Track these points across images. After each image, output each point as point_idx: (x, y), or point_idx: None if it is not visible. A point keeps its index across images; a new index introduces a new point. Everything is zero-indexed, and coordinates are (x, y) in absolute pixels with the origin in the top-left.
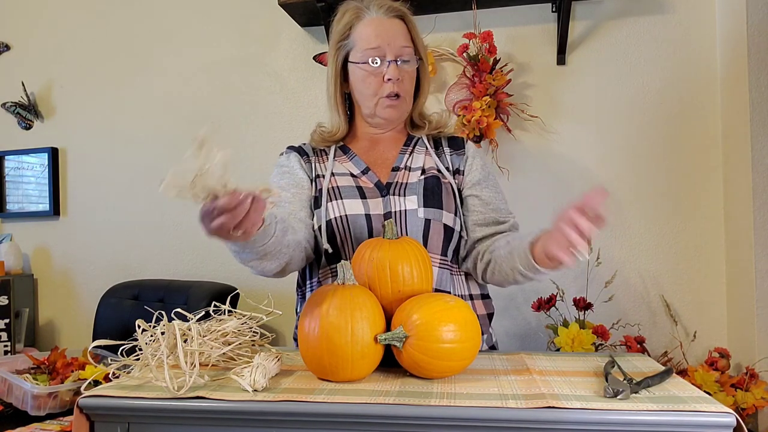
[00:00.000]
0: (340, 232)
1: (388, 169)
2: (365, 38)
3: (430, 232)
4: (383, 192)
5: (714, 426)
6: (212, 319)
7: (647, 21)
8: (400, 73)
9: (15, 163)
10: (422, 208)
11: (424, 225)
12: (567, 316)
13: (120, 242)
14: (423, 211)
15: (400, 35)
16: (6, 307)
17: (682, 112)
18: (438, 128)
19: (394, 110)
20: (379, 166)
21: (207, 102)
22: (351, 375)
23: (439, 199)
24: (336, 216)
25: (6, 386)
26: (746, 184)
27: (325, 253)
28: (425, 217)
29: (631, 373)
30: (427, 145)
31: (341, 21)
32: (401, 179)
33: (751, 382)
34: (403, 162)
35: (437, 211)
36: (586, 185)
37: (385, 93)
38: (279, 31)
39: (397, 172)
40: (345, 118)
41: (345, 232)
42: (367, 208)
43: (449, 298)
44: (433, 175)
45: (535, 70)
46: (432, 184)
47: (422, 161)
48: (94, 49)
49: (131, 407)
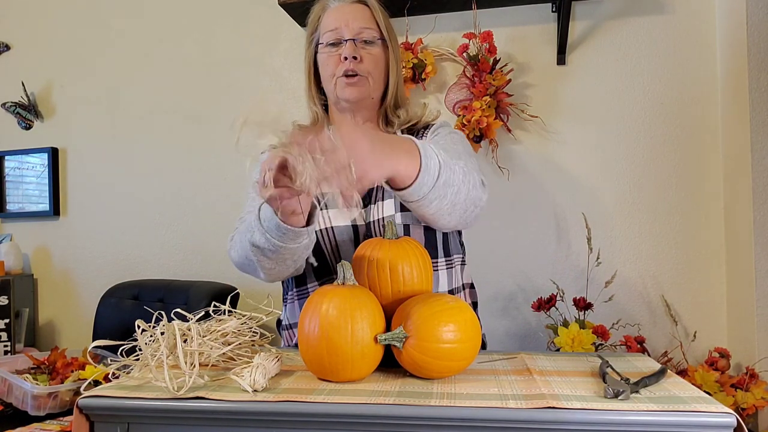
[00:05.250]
0: (326, 245)
1: None
2: (326, 24)
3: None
4: (365, 200)
5: (714, 426)
6: (212, 319)
7: (647, 21)
8: (358, 52)
9: (15, 163)
10: (399, 213)
11: (404, 231)
12: (567, 316)
13: (120, 242)
14: (401, 216)
15: (361, 17)
16: (6, 307)
17: (682, 112)
18: (410, 121)
19: (353, 88)
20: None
21: (207, 102)
22: (351, 375)
23: None
24: (322, 228)
25: (6, 386)
26: (746, 184)
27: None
28: (403, 223)
29: (631, 373)
30: None
31: (311, 16)
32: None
33: (751, 382)
34: None
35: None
36: (586, 185)
37: (341, 72)
38: (279, 31)
39: None
40: (321, 108)
41: (331, 245)
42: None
43: (449, 298)
44: None
45: (535, 70)
46: None
47: None
48: (94, 49)
49: (131, 407)
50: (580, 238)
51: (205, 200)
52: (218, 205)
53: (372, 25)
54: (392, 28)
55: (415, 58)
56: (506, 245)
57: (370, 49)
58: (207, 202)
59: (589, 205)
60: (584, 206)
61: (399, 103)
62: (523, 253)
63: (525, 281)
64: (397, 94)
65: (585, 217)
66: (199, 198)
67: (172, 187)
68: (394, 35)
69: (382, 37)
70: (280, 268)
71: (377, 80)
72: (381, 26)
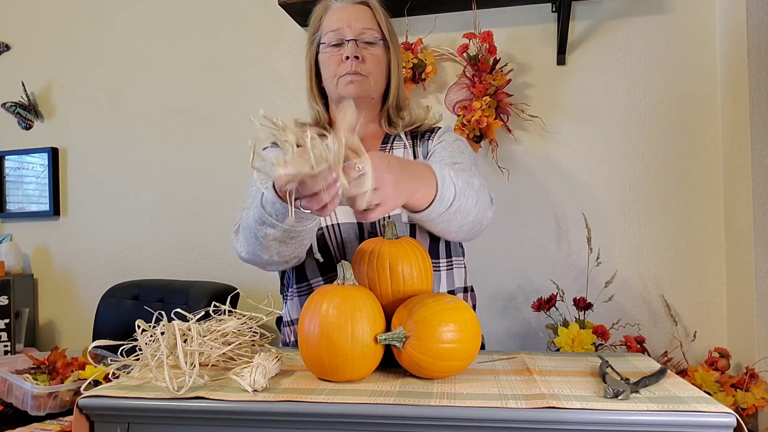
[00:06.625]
0: (331, 242)
1: None
2: (328, 25)
3: (416, 237)
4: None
5: (714, 426)
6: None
7: (647, 21)
8: (360, 52)
9: (15, 163)
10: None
11: (410, 230)
12: (567, 316)
13: (120, 242)
14: (407, 215)
15: (363, 18)
16: (6, 307)
17: (681, 112)
18: (413, 123)
19: (354, 86)
20: None
21: (207, 102)
22: (351, 375)
23: None
24: (328, 225)
25: (6, 386)
26: (746, 184)
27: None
28: (410, 222)
29: (631, 373)
30: (405, 142)
31: (312, 17)
32: None
33: (751, 382)
34: None
35: None
36: (586, 185)
37: (343, 72)
38: (279, 31)
39: None
40: (323, 107)
41: (337, 241)
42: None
43: (449, 298)
44: None
45: (535, 70)
46: None
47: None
48: (93, 49)
49: (131, 407)
50: (580, 238)
51: (205, 200)
52: (218, 205)
53: (373, 26)
54: (393, 29)
55: (415, 58)
56: (506, 245)
57: (372, 49)
58: (207, 202)
59: (589, 205)
60: (584, 206)
61: (401, 104)
62: (523, 253)
63: (525, 281)
64: (398, 94)
65: (585, 217)
66: (199, 198)
67: (172, 186)
68: (395, 36)
69: (383, 37)
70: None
71: (378, 80)
72: (382, 27)
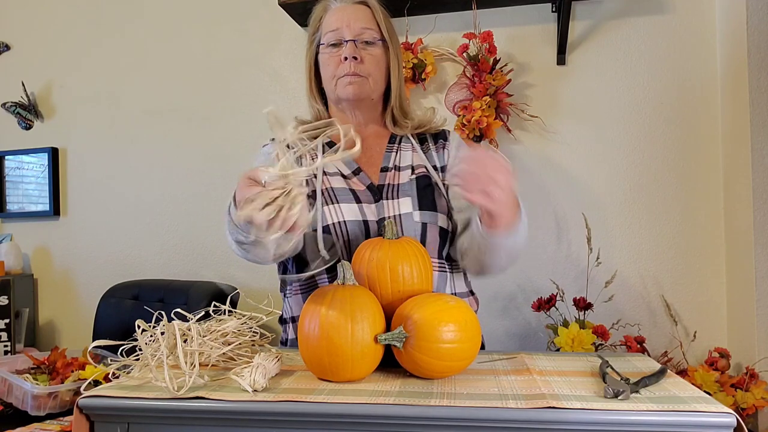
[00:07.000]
0: (338, 240)
1: (377, 169)
2: (327, 25)
3: (427, 236)
4: (376, 196)
5: (714, 426)
6: (212, 319)
7: (647, 21)
8: (358, 53)
9: (15, 163)
10: (418, 211)
11: (421, 229)
12: (567, 316)
13: (120, 242)
14: (419, 214)
15: (362, 18)
16: (6, 307)
17: (681, 112)
18: (421, 126)
19: (353, 87)
20: (367, 166)
21: (207, 102)
22: (351, 375)
23: (433, 201)
24: (334, 222)
25: (6, 386)
26: (746, 184)
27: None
28: (422, 221)
29: (631, 373)
30: (413, 143)
31: (312, 17)
32: (392, 180)
33: (751, 382)
34: (391, 161)
35: (432, 213)
36: (586, 185)
37: (342, 72)
38: (279, 31)
39: (387, 172)
40: (323, 107)
41: (342, 239)
42: (363, 213)
43: (449, 298)
44: (423, 174)
45: (535, 70)
46: (424, 185)
47: (410, 159)
48: (93, 49)
49: (131, 407)
50: (580, 238)
51: (205, 200)
52: (218, 205)
53: (373, 26)
54: (393, 29)
55: (415, 58)
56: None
57: (371, 49)
58: (207, 202)
59: (589, 205)
60: (584, 206)
61: (403, 105)
62: (523, 253)
63: (525, 281)
64: (400, 94)
65: (585, 217)
66: (199, 198)
67: (172, 186)
68: (395, 36)
69: (382, 37)
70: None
71: (378, 81)
72: (382, 27)
